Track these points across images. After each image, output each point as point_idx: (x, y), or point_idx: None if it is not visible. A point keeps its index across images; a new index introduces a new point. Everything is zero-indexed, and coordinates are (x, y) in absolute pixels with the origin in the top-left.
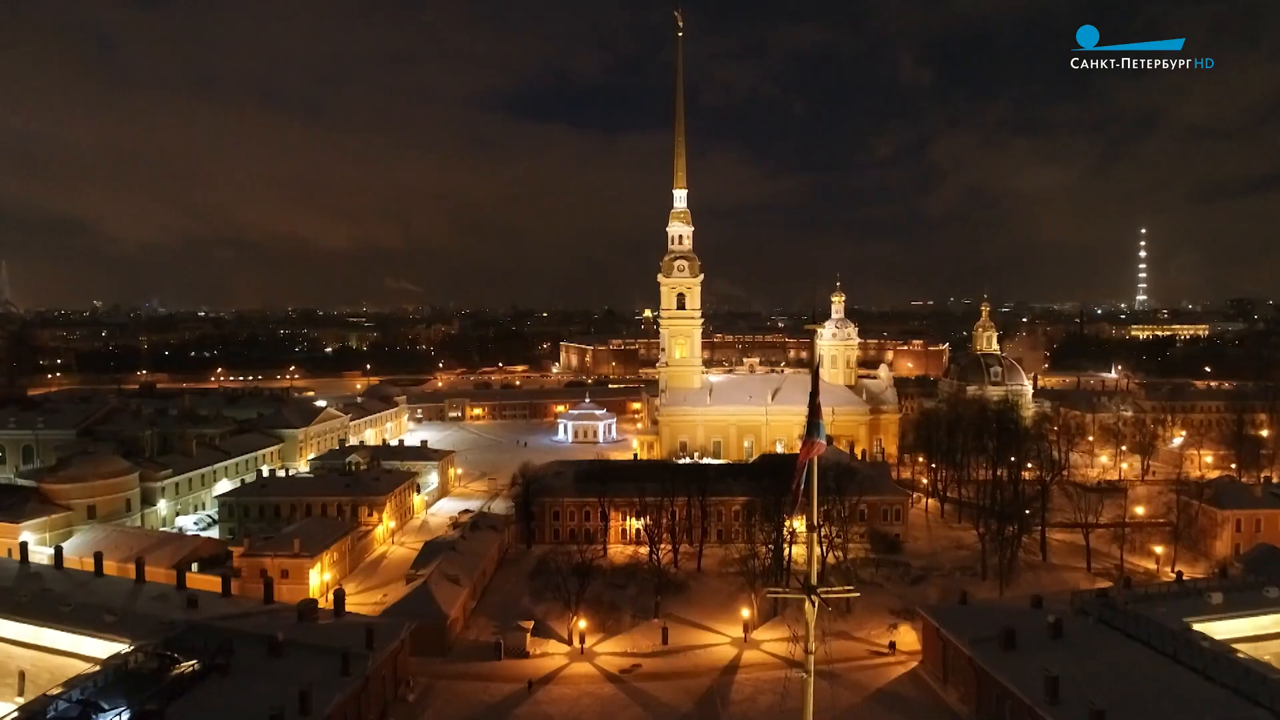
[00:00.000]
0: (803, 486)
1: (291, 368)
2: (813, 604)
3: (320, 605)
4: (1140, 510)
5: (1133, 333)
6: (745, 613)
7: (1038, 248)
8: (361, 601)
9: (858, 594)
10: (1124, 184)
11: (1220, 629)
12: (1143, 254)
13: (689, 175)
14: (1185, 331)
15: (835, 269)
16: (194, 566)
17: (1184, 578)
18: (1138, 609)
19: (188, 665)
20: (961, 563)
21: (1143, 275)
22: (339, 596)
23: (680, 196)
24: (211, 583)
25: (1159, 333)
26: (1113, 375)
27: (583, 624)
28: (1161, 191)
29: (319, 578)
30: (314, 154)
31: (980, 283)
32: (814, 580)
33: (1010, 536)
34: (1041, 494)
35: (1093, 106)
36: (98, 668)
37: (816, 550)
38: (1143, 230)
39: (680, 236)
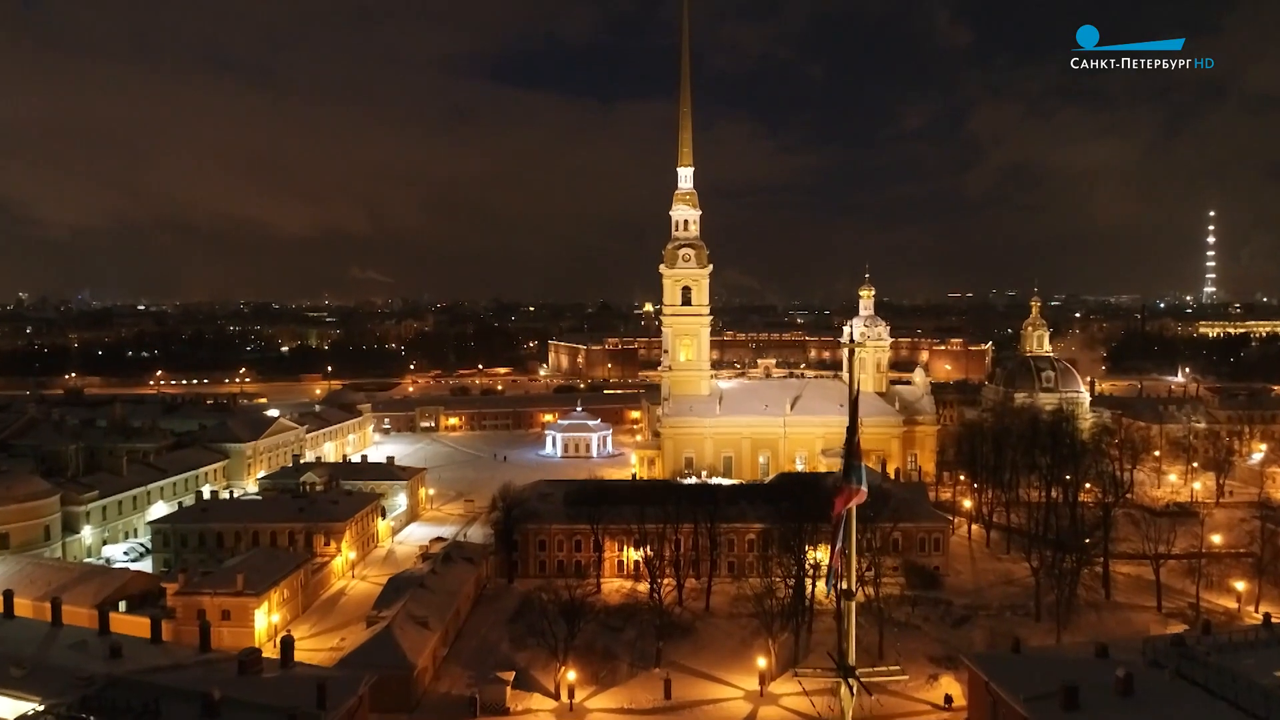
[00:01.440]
0: (840, 545)
1: (242, 370)
2: (850, 689)
3: (266, 654)
4: (1217, 539)
5: (1200, 330)
6: (761, 661)
7: (1091, 233)
8: (315, 647)
9: (906, 676)
10: (1189, 160)
11: None
12: (1211, 239)
13: (695, 151)
14: (1261, 328)
15: (862, 258)
16: (121, 606)
17: (1272, 620)
18: (1221, 660)
19: None
20: (1011, 601)
21: (1211, 264)
22: (286, 645)
23: (685, 175)
24: (140, 626)
25: (1230, 330)
26: (1179, 379)
27: (572, 675)
28: (1232, 168)
29: (266, 619)
30: (269, 127)
31: (1025, 272)
32: (851, 658)
33: (1068, 570)
34: (1104, 519)
35: (1154, 71)
36: None
37: (853, 623)
38: (1211, 212)
39: (685, 221)
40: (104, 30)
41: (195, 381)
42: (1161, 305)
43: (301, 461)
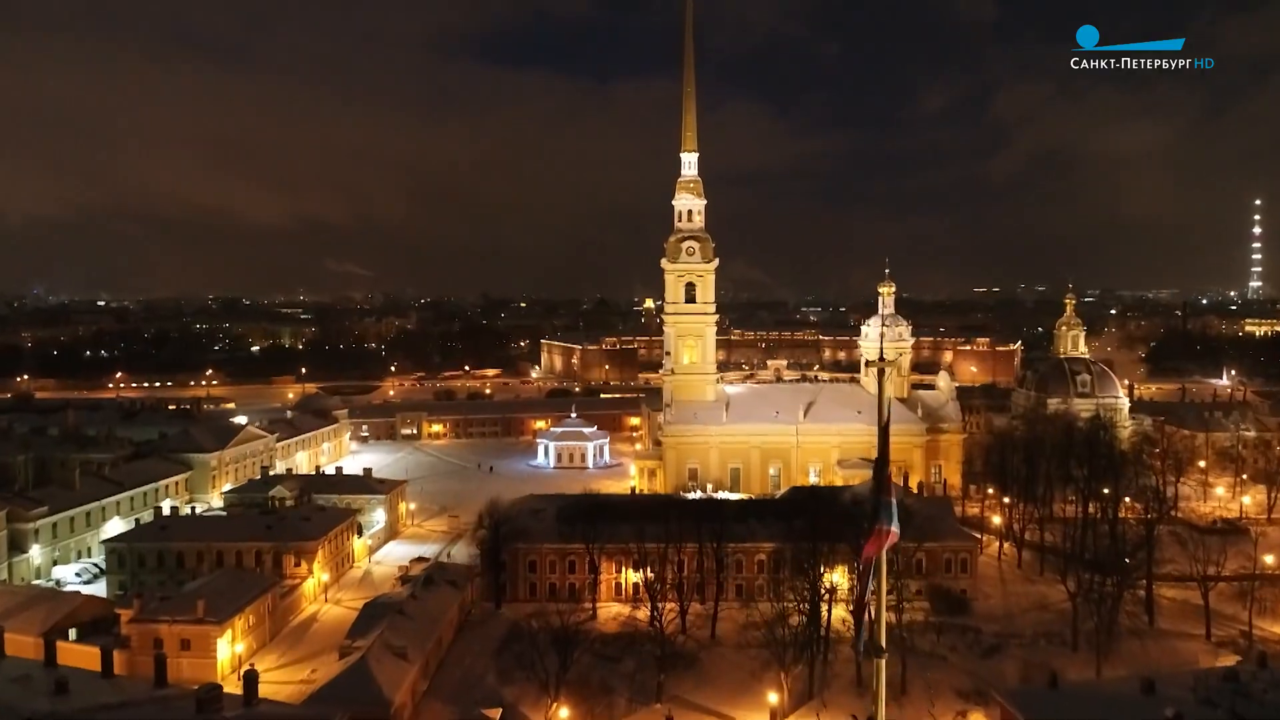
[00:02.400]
0: (869, 594)
1: (209, 372)
2: None
3: (227, 689)
4: (1270, 559)
5: (1246, 328)
6: (773, 696)
7: (1127, 223)
8: (283, 680)
9: None
10: (1233, 144)
11: None
12: (1256, 230)
13: (700, 135)
14: None
15: (880, 250)
16: (70, 634)
17: None
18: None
19: None
20: (1046, 628)
21: (1257, 257)
22: (250, 679)
23: (689, 161)
24: (90, 656)
25: (1279, 328)
26: (1224, 382)
27: (565, 712)
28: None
29: (229, 649)
30: (240, 109)
31: (1056, 266)
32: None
33: (1108, 594)
34: (1147, 538)
35: (1195, 47)
36: None
37: (884, 682)
38: (1257, 201)
39: (689, 212)
40: (62, 4)
41: (158, 384)
42: (1204, 302)
43: (271, 473)
